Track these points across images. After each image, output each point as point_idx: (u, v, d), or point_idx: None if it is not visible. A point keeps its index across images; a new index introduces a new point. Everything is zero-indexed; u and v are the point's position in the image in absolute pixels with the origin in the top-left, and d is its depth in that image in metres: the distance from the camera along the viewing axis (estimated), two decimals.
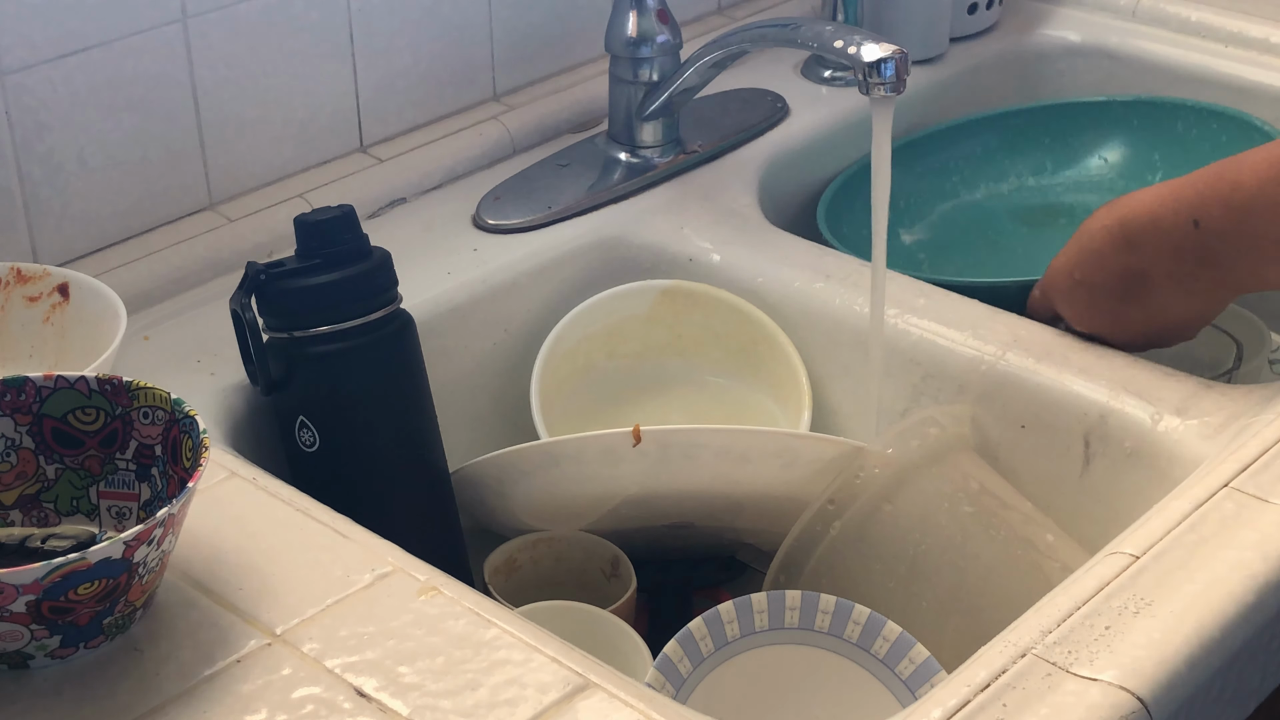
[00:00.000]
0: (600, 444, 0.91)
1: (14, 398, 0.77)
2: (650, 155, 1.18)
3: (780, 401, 1.06)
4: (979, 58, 1.38)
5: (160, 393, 0.76)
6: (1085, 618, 0.74)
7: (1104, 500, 0.95)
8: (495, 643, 0.73)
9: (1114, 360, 0.97)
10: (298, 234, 0.93)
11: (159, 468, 0.77)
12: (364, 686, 0.70)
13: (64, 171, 0.99)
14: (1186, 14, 1.37)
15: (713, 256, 1.10)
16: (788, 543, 0.92)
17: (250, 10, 1.05)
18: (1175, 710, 0.71)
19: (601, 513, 0.95)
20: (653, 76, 1.16)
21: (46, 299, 0.91)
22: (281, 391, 0.93)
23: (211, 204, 1.08)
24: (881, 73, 0.97)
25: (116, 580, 0.69)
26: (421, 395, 0.95)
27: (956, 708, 0.69)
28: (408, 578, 0.77)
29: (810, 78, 1.31)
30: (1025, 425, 0.98)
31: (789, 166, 1.22)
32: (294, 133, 1.11)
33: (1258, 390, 0.93)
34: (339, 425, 0.92)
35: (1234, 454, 0.85)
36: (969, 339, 1.00)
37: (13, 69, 0.95)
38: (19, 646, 0.70)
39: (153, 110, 1.02)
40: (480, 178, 1.16)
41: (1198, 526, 0.79)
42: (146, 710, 0.69)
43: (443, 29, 1.17)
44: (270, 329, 0.93)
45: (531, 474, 0.94)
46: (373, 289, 0.93)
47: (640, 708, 0.70)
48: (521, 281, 1.08)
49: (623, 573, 0.96)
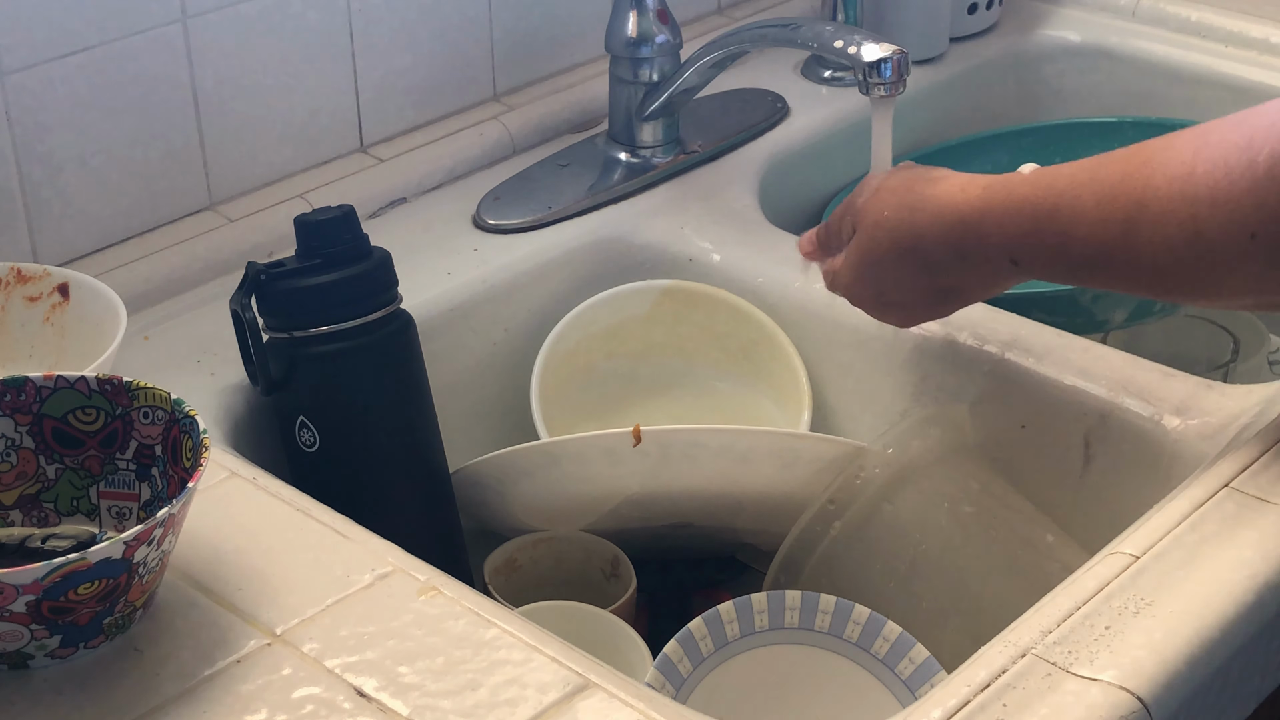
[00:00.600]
0: (601, 444, 0.91)
1: (14, 398, 0.77)
2: (650, 155, 1.18)
3: (780, 402, 1.06)
4: (979, 58, 1.38)
5: (160, 393, 0.76)
6: (1085, 618, 0.74)
7: (1104, 500, 0.95)
8: (495, 643, 0.73)
9: (1114, 360, 0.97)
10: (298, 234, 0.93)
11: (159, 468, 0.77)
12: (364, 686, 0.70)
13: (64, 171, 0.99)
14: (1186, 14, 1.37)
15: (713, 256, 1.10)
16: (788, 542, 0.92)
17: (250, 10, 1.05)
18: (1175, 710, 0.71)
19: (601, 512, 0.95)
20: (653, 76, 1.16)
21: (46, 299, 0.91)
22: (281, 391, 0.93)
23: (211, 204, 1.08)
24: (881, 73, 0.97)
25: (116, 580, 0.69)
26: (422, 395, 0.95)
27: (956, 708, 0.69)
28: (408, 578, 0.77)
29: (810, 78, 1.31)
30: (1025, 425, 0.98)
31: (789, 166, 1.22)
32: (294, 133, 1.11)
33: (1258, 390, 0.93)
34: (339, 425, 0.92)
35: (1234, 454, 0.85)
36: (969, 339, 1.00)
37: (13, 69, 0.95)
38: (19, 646, 0.70)
39: (153, 110, 1.02)
40: (480, 178, 1.16)
41: (1198, 526, 0.79)
42: (146, 710, 0.69)
43: (443, 29, 1.17)
44: (270, 329, 0.93)
45: (532, 474, 0.94)
46: (373, 289, 0.93)
47: (640, 708, 0.70)
48: (521, 281, 1.08)
49: (623, 573, 0.96)
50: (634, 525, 0.97)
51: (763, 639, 0.87)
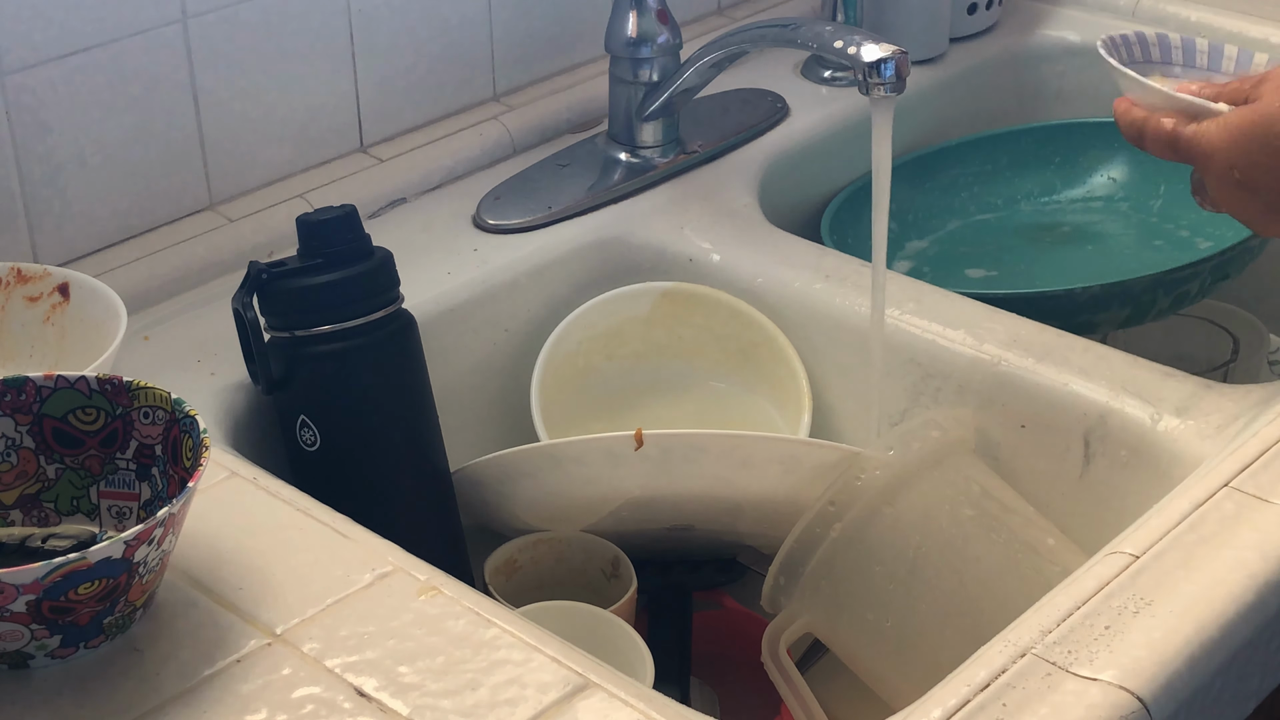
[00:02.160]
0: (602, 446, 0.91)
1: (14, 398, 0.77)
2: (650, 155, 1.18)
3: (780, 404, 1.06)
4: (979, 58, 1.38)
5: (160, 393, 0.76)
6: (1085, 617, 0.74)
7: (1104, 500, 0.95)
8: (495, 642, 0.73)
9: (1114, 360, 0.97)
10: (300, 234, 0.93)
11: (159, 467, 0.77)
12: (364, 686, 0.70)
13: (64, 171, 0.99)
14: (1186, 14, 1.37)
15: (713, 257, 1.10)
16: (788, 544, 0.91)
17: (250, 10, 1.05)
18: (1175, 710, 0.71)
19: (602, 515, 0.95)
20: (653, 77, 1.16)
21: (46, 299, 0.91)
22: (283, 391, 0.93)
23: (211, 204, 1.08)
24: (881, 73, 0.97)
25: (116, 580, 0.69)
26: (423, 395, 0.95)
27: (956, 707, 0.69)
28: (408, 578, 0.77)
29: (810, 78, 1.31)
30: (1025, 425, 0.98)
31: (789, 166, 1.22)
32: (294, 133, 1.11)
33: (1258, 390, 0.93)
34: (340, 425, 0.92)
35: (1234, 454, 0.85)
36: (969, 339, 1.00)
37: (13, 69, 0.95)
38: (19, 646, 0.70)
39: (153, 110, 1.02)
40: (480, 178, 1.16)
41: (1198, 526, 0.79)
42: (146, 710, 0.69)
43: (443, 29, 1.17)
44: (272, 328, 0.93)
45: (533, 475, 0.94)
46: (374, 289, 0.93)
47: (640, 708, 0.70)
48: (521, 281, 1.08)
49: (623, 573, 0.96)
50: (634, 527, 0.97)
51: None
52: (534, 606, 0.90)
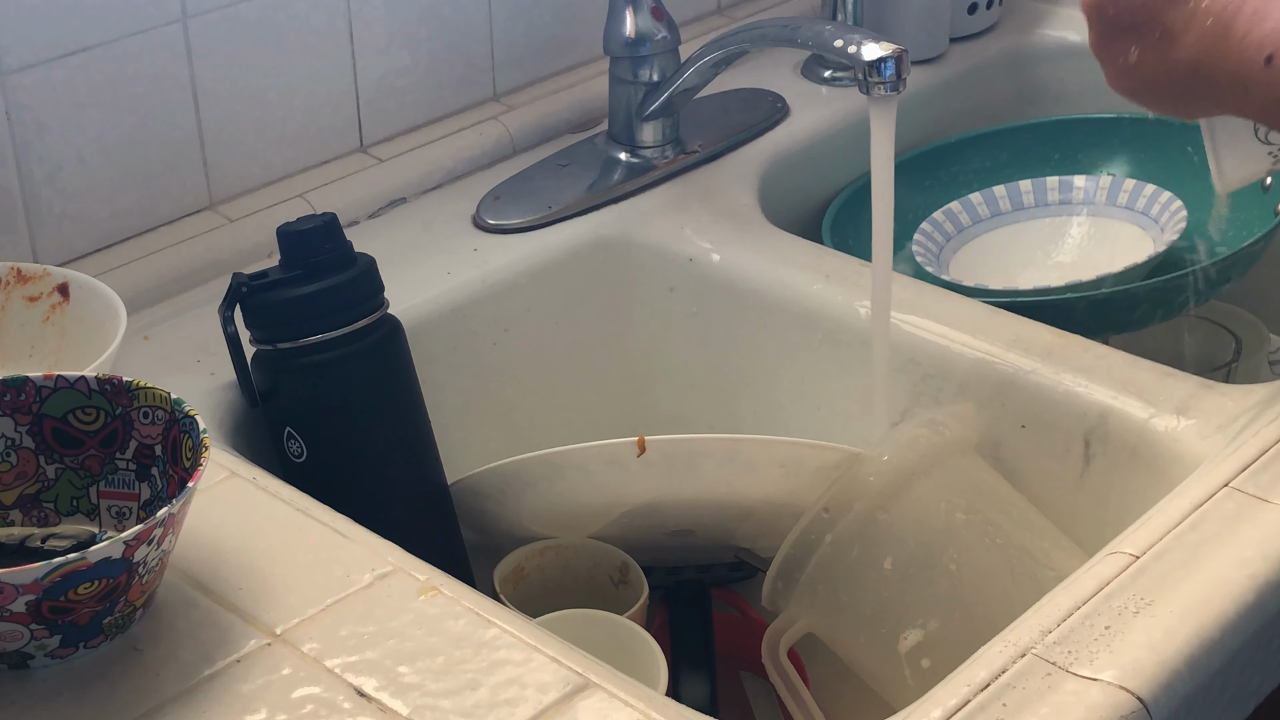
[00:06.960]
0: (605, 453, 0.91)
1: (14, 398, 0.77)
2: (650, 155, 1.18)
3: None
4: (979, 58, 1.38)
5: (160, 393, 0.76)
6: (1085, 617, 0.74)
7: (1104, 500, 0.95)
8: (495, 642, 0.73)
9: (1114, 360, 0.97)
10: (280, 244, 0.92)
11: (159, 468, 0.77)
12: (364, 686, 0.70)
13: (64, 171, 0.99)
14: None
15: (713, 257, 1.10)
16: (784, 549, 0.91)
17: (250, 10, 1.05)
18: (1175, 710, 0.71)
19: (605, 522, 0.95)
20: (652, 76, 1.16)
21: (46, 299, 0.91)
22: (269, 403, 0.92)
23: (211, 204, 1.08)
24: (881, 72, 0.97)
25: (116, 580, 0.69)
26: (412, 401, 0.95)
27: (956, 707, 0.69)
28: (408, 578, 0.77)
29: (810, 78, 1.31)
30: (1025, 425, 0.98)
31: (789, 166, 1.22)
32: (294, 133, 1.11)
33: (1258, 390, 0.93)
34: (327, 435, 0.92)
35: (1234, 454, 0.85)
36: (969, 339, 1.00)
37: (13, 69, 0.95)
38: (19, 646, 0.70)
39: (153, 110, 1.02)
40: (480, 178, 1.16)
41: (1198, 526, 0.79)
42: (146, 710, 0.69)
43: (443, 29, 1.17)
44: (256, 341, 0.92)
45: (535, 484, 0.93)
46: (355, 297, 0.92)
47: (640, 708, 0.70)
48: (521, 281, 1.08)
49: (632, 579, 0.95)
50: (636, 534, 0.96)
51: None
52: (549, 616, 0.89)
